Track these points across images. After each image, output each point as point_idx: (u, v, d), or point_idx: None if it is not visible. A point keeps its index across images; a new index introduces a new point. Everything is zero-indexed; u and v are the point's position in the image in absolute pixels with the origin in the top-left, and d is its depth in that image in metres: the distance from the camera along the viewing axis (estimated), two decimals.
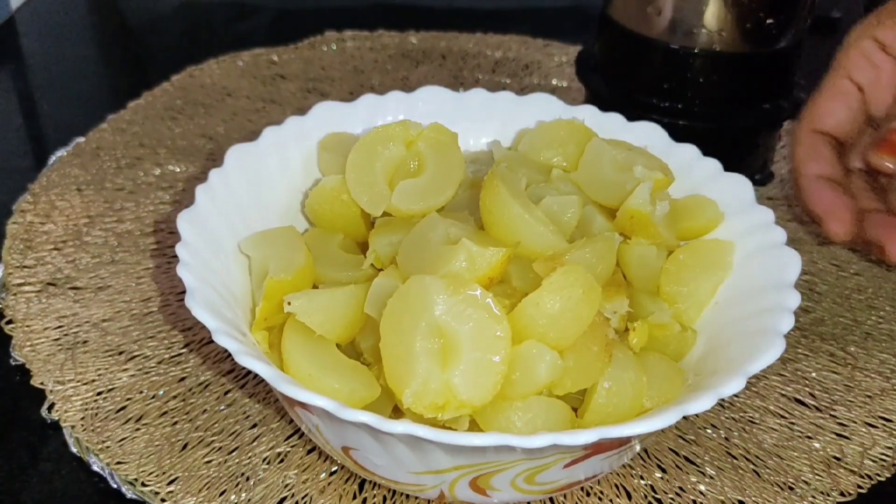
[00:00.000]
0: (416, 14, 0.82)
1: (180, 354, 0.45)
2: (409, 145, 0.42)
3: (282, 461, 0.40)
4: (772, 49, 0.53)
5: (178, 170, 0.59)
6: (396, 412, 0.35)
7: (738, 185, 0.43)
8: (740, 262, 0.40)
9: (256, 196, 0.43)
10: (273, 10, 0.85)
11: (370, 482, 0.39)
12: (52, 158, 0.59)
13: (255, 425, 0.41)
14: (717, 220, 0.42)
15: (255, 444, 0.40)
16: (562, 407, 0.35)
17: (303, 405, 0.33)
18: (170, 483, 0.38)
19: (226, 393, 0.43)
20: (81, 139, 0.61)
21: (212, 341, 0.45)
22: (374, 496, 0.38)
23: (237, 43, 0.74)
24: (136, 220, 0.54)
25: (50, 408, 0.42)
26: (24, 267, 0.49)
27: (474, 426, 0.34)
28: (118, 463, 0.39)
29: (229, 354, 0.45)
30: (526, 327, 0.34)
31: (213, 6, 0.85)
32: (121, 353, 0.44)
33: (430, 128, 0.42)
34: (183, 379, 0.43)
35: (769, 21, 0.52)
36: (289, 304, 0.36)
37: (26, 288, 0.48)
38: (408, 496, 0.38)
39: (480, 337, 0.33)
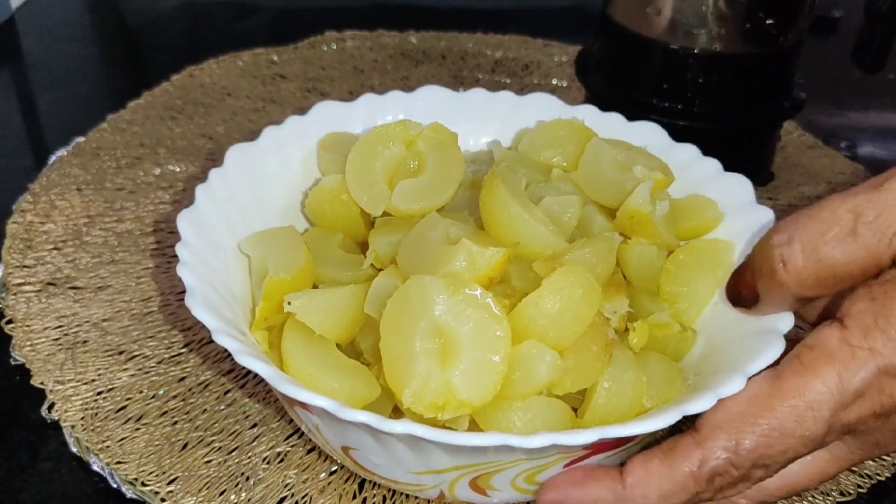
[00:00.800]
0: (416, 14, 0.82)
1: (180, 354, 0.45)
2: (409, 145, 0.42)
3: (282, 461, 0.40)
4: (772, 49, 0.53)
5: (178, 170, 0.59)
6: (396, 412, 0.35)
7: (738, 185, 0.43)
8: (740, 261, 0.40)
9: (256, 196, 0.43)
10: (273, 10, 0.85)
11: (370, 482, 0.39)
12: (52, 158, 0.59)
13: (254, 425, 0.41)
14: (716, 219, 0.42)
15: (254, 443, 0.40)
16: (561, 407, 0.35)
17: (303, 405, 0.32)
18: (170, 483, 0.38)
19: (226, 393, 0.43)
20: (81, 139, 0.61)
21: (212, 341, 0.45)
22: (374, 496, 0.38)
23: (237, 43, 0.74)
24: (136, 220, 0.54)
25: (50, 407, 0.42)
26: (24, 267, 0.49)
27: (474, 426, 0.34)
28: (118, 463, 0.39)
29: (229, 354, 0.45)
30: (526, 327, 0.34)
31: (213, 6, 0.85)
32: (121, 353, 0.44)
33: (429, 128, 0.42)
34: (183, 379, 0.43)
35: (769, 21, 0.52)
36: (289, 303, 0.36)
37: (26, 288, 0.48)
38: (407, 496, 0.38)
39: (480, 337, 0.33)
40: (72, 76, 0.72)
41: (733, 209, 0.42)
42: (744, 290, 0.36)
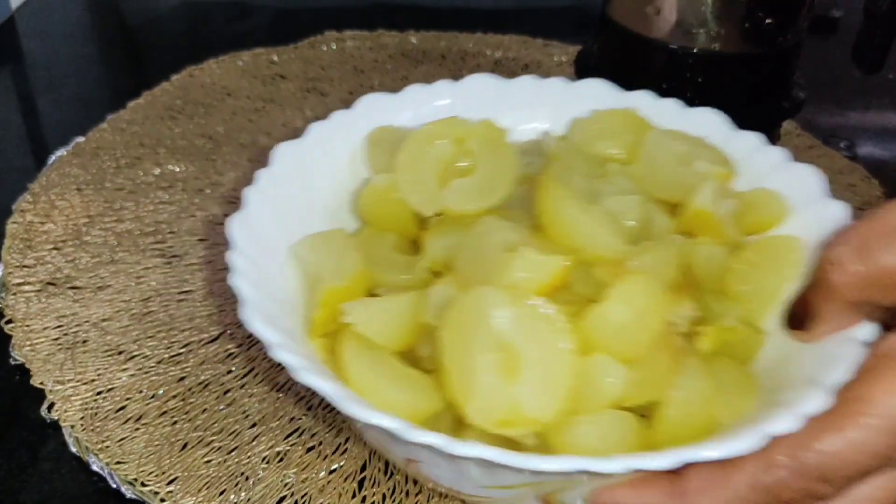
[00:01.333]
0: (416, 14, 0.82)
1: (180, 354, 0.45)
2: (459, 143, 0.40)
3: (281, 460, 0.40)
4: (771, 49, 0.53)
5: (178, 169, 0.59)
6: (460, 421, 0.33)
7: (808, 177, 0.40)
8: (812, 259, 0.37)
9: (305, 195, 0.41)
10: (273, 10, 0.85)
11: (369, 480, 0.39)
12: (52, 158, 0.59)
13: (254, 425, 0.41)
14: (783, 214, 0.39)
15: (254, 443, 0.40)
16: (632, 420, 0.33)
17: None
18: (169, 483, 0.38)
19: (225, 393, 0.43)
20: (81, 139, 0.61)
21: (212, 341, 0.45)
22: (374, 494, 0.38)
23: (237, 43, 0.74)
24: (136, 220, 0.54)
25: (49, 407, 0.42)
26: (24, 266, 0.49)
27: (541, 440, 0.32)
28: (118, 463, 0.39)
29: (229, 354, 0.45)
30: (592, 339, 0.33)
31: (213, 6, 0.85)
32: (120, 353, 0.44)
33: (480, 124, 0.41)
34: (182, 379, 0.43)
35: (768, 21, 0.52)
36: (346, 313, 0.34)
37: (26, 287, 0.48)
38: (407, 494, 0.39)
39: (545, 350, 0.31)
40: (72, 76, 0.72)
41: (802, 202, 0.39)
42: (797, 306, 0.35)
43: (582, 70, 0.59)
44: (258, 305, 0.33)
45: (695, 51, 0.52)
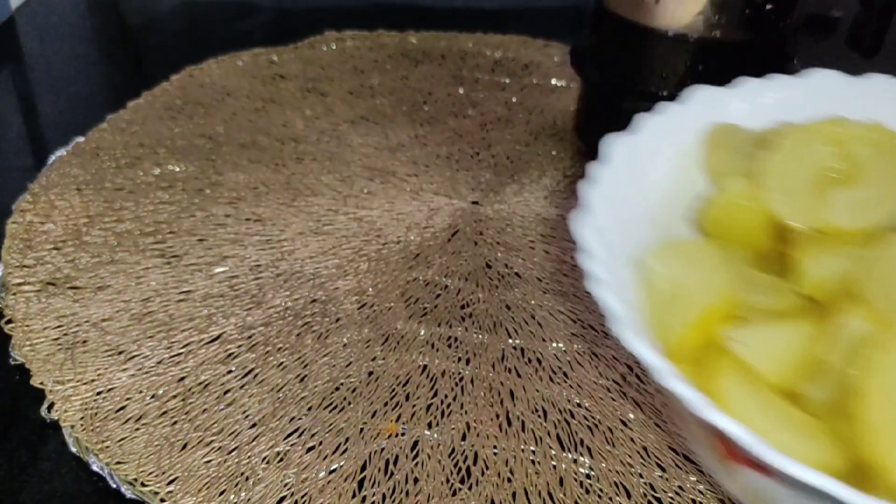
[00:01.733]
0: (416, 14, 0.82)
1: (180, 354, 0.45)
2: (839, 147, 0.36)
3: (281, 460, 0.40)
4: (769, 35, 0.53)
5: (178, 169, 0.59)
6: (862, 482, 0.27)
7: None
8: None
9: (637, 197, 0.36)
10: (273, 10, 0.85)
11: (369, 480, 0.39)
12: (52, 158, 0.59)
13: (254, 425, 0.41)
14: None
15: (254, 443, 0.40)
16: None
17: (766, 470, 0.26)
18: (169, 483, 0.38)
19: (225, 393, 0.43)
20: (81, 139, 0.61)
21: (212, 341, 0.45)
22: (374, 494, 0.38)
23: (237, 43, 0.74)
24: (136, 220, 0.54)
25: (49, 407, 0.42)
26: (24, 266, 0.49)
27: None
28: (118, 463, 0.39)
29: (229, 354, 0.45)
30: None
31: (213, 6, 0.86)
32: (120, 353, 0.44)
33: (867, 127, 0.36)
34: (182, 379, 0.43)
35: (767, 6, 0.51)
36: (733, 339, 0.31)
37: (26, 287, 0.48)
38: (407, 493, 0.38)
39: None
40: (72, 76, 0.73)
41: None
42: None
43: (579, 61, 0.59)
44: (632, 321, 0.28)
45: (693, 38, 0.52)
